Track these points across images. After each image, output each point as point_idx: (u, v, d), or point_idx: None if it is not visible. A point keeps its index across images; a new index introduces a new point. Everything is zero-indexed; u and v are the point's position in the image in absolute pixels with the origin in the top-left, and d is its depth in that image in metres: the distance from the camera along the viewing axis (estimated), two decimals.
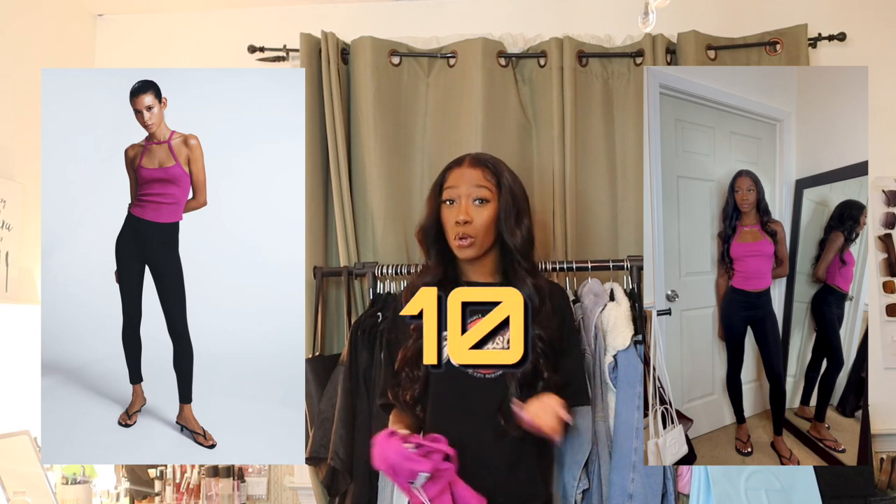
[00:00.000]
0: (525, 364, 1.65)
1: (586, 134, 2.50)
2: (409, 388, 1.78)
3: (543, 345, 1.78)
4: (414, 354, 1.78)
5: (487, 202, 1.80)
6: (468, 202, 1.79)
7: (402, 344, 1.82)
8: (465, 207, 1.78)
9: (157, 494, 2.44)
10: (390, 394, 1.82)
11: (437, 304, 1.76)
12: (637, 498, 2.04)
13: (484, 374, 1.75)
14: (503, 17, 2.62)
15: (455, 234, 1.79)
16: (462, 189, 1.80)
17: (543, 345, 1.78)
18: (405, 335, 1.82)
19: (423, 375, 1.78)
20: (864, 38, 2.57)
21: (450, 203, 1.81)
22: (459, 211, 1.78)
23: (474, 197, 1.80)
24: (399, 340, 1.84)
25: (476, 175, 1.82)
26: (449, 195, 1.82)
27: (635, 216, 2.45)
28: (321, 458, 2.17)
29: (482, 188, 1.80)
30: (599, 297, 2.19)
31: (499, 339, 1.71)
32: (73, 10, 2.69)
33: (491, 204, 1.81)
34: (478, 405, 1.75)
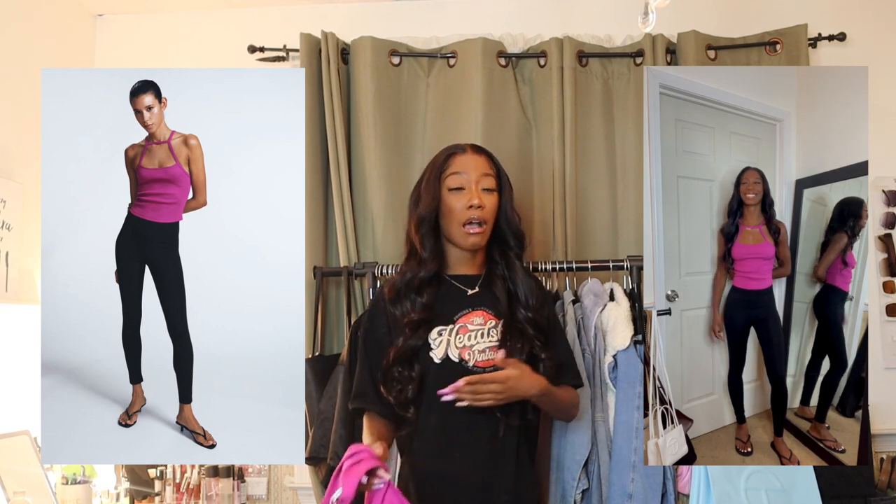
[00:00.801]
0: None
1: (586, 134, 2.50)
2: (403, 390, 1.74)
3: (536, 330, 1.78)
4: (407, 352, 1.74)
5: (493, 191, 1.81)
6: (478, 188, 1.78)
7: (393, 342, 1.77)
8: (477, 193, 1.77)
9: (157, 494, 2.44)
10: (384, 390, 1.76)
11: (432, 298, 1.77)
12: (637, 498, 2.04)
13: (483, 368, 1.73)
14: (503, 17, 2.62)
15: (465, 220, 1.77)
16: (471, 175, 1.79)
17: (536, 330, 1.78)
18: (394, 332, 1.78)
19: (418, 374, 1.74)
20: (864, 38, 2.57)
21: (458, 190, 1.79)
22: (471, 196, 1.77)
23: (483, 185, 1.79)
24: (381, 341, 1.80)
25: (482, 162, 1.82)
26: (457, 182, 1.79)
27: (635, 216, 2.45)
28: (321, 458, 2.17)
29: (489, 177, 1.81)
30: (599, 297, 2.19)
31: (492, 332, 1.76)
32: (73, 10, 2.69)
33: (495, 193, 1.81)
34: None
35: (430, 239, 1.81)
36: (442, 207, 1.80)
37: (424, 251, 1.81)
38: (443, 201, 1.80)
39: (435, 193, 1.81)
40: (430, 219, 1.81)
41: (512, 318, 1.78)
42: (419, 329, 1.76)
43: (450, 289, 1.82)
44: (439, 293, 1.81)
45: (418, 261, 1.82)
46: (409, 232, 1.86)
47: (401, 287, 1.81)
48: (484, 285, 1.84)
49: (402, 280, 1.82)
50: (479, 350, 1.75)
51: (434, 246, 1.81)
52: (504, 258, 1.84)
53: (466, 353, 1.75)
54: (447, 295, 1.81)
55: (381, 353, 1.78)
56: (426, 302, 1.78)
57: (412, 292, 1.79)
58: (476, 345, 1.75)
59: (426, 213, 1.81)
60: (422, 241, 1.81)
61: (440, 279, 1.83)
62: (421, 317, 1.76)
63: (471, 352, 1.75)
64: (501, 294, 1.81)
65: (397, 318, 1.79)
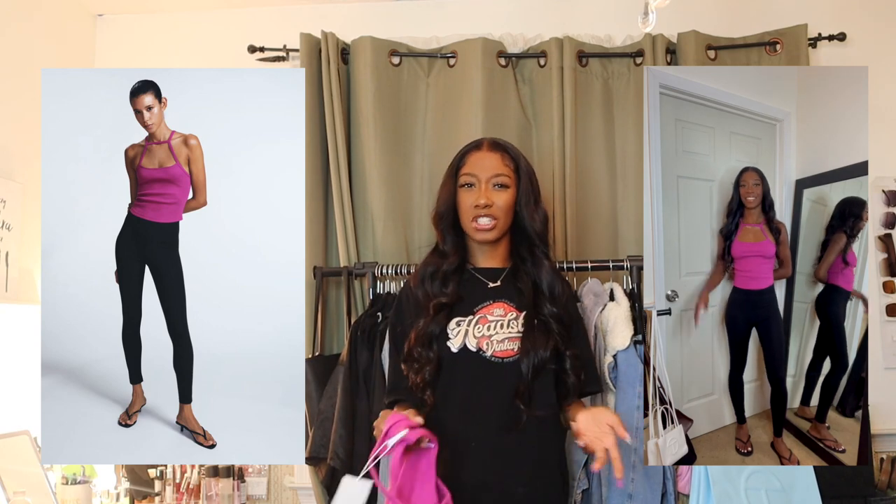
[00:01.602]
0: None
1: (586, 134, 2.50)
2: (421, 371, 1.74)
3: (561, 326, 1.78)
4: (427, 336, 1.76)
5: (507, 188, 1.81)
6: (488, 186, 1.79)
7: (414, 325, 1.78)
8: (486, 191, 1.79)
9: (157, 494, 2.44)
10: (404, 368, 1.76)
11: (456, 287, 1.79)
12: (637, 498, 2.04)
13: (502, 359, 1.74)
14: (503, 17, 2.62)
15: (474, 217, 1.79)
16: (482, 173, 1.80)
17: (561, 326, 1.78)
18: (417, 317, 1.79)
19: (436, 357, 1.75)
20: (864, 38, 2.57)
21: (468, 187, 1.81)
22: (479, 195, 1.78)
23: (494, 182, 1.80)
24: (407, 332, 1.80)
25: (495, 159, 1.82)
26: (468, 179, 1.81)
27: (635, 216, 2.45)
28: (321, 458, 2.17)
29: (502, 174, 1.81)
30: (599, 297, 2.19)
31: (513, 324, 1.76)
32: (73, 10, 2.69)
33: (510, 189, 1.81)
34: (493, 388, 1.73)
35: (449, 233, 1.85)
36: (457, 203, 1.84)
37: (445, 245, 1.85)
38: (457, 197, 1.83)
39: (451, 190, 1.84)
40: (448, 214, 1.84)
41: (536, 313, 1.78)
42: (440, 313, 1.77)
43: (472, 281, 1.84)
44: (461, 284, 1.82)
45: (440, 254, 1.85)
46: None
47: (426, 276, 1.84)
48: (507, 279, 1.84)
49: (426, 270, 1.84)
50: (498, 340, 1.75)
51: (454, 240, 1.85)
52: (531, 254, 1.85)
53: (485, 342, 1.75)
54: (469, 287, 1.83)
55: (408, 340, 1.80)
56: (450, 290, 1.80)
57: (437, 281, 1.82)
58: (495, 335, 1.76)
59: (443, 209, 1.84)
60: (442, 235, 1.85)
61: (463, 271, 1.85)
62: (444, 301, 1.78)
63: (489, 341, 1.75)
64: (526, 288, 1.81)
65: (420, 300, 1.81)
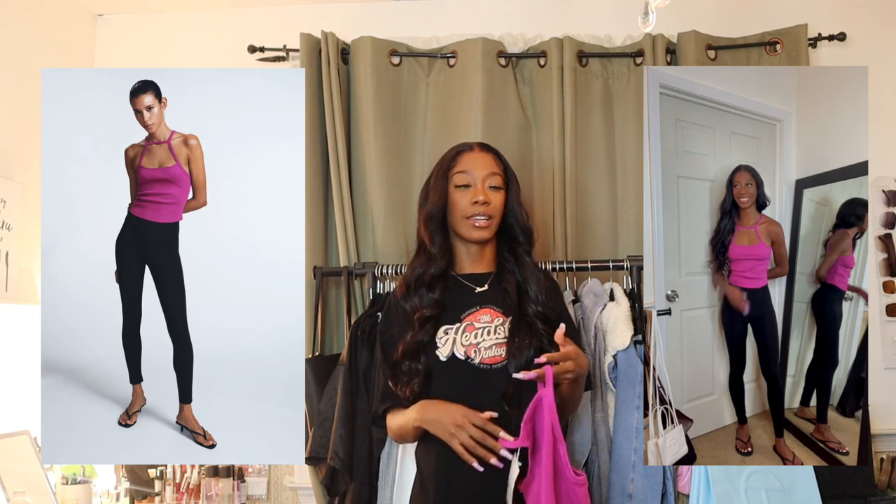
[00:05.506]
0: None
1: (586, 134, 2.50)
2: (410, 383, 1.76)
3: (546, 324, 1.78)
4: (414, 347, 1.77)
5: (500, 189, 1.84)
6: (484, 185, 1.81)
7: (402, 337, 1.79)
8: (483, 190, 1.81)
9: (157, 494, 2.44)
10: (392, 383, 1.78)
11: (441, 295, 1.78)
12: (637, 498, 2.04)
13: (490, 365, 1.74)
14: (503, 17, 2.62)
15: (471, 215, 1.80)
16: (477, 173, 1.82)
17: (546, 324, 1.78)
18: (405, 328, 1.80)
19: (424, 368, 1.76)
20: (864, 38, 2.57)
21: (464, 187, 1.82)
22: (477, 193, 1.80)
23: (489, 182, 1.82)
24: (395, 340, 1.81)
25: (489, 160, 1.85)
26: (463, 179, 1.82)
27: (635, 216, 2.45)
28: (321, 458, 2.17)
29: (496, 175, 1.84)
30: (599, 297, 2.19)
31: (500, 330, 1.77)
32: (73, 10, 2.69)
33: (502, 190, 1.84)
34: (482, 395, 1.73)
35: (438, 235, 1.84)
36: (449, 204, 1.84)
37: (433, 247, 1.84)
38: (450, 198, 1.83)
39: (442, 191, 1.84)
40: (438, 215, 1.84)
41: (521, 314, 1.79)
42: (427, 324, 1.78)
43: (458, 287, 1.84)
44: (447, 291, 1.82)
45: (427, 257, 1.85)
46: (418, 229, 1.89)
47: (411, 282, 1.84)
48: (494, 282, 1.85)
49: (413, 275, 1.84)
50: (486, 347, 1.76)
51: (443, 242, 1.85)
52: (513, 254, 1.87)
53: (472, 350, 1.75)
54: (455, 293, 1.83)
55: (395, 351, 1.81)
56: (436, 298, 1.81)
57: (423, 287, 1.82)
58: (482, 342, 1.76)
59: (434, 210, 1.84)
60: (430, 237, 1.85)
61: (448, 277, 1.85)
62: (430, 312, 1.79)
63: (477, 349, 1.75)
64: (512, 289, 1.82)
65: (407, 312, 1.82)
